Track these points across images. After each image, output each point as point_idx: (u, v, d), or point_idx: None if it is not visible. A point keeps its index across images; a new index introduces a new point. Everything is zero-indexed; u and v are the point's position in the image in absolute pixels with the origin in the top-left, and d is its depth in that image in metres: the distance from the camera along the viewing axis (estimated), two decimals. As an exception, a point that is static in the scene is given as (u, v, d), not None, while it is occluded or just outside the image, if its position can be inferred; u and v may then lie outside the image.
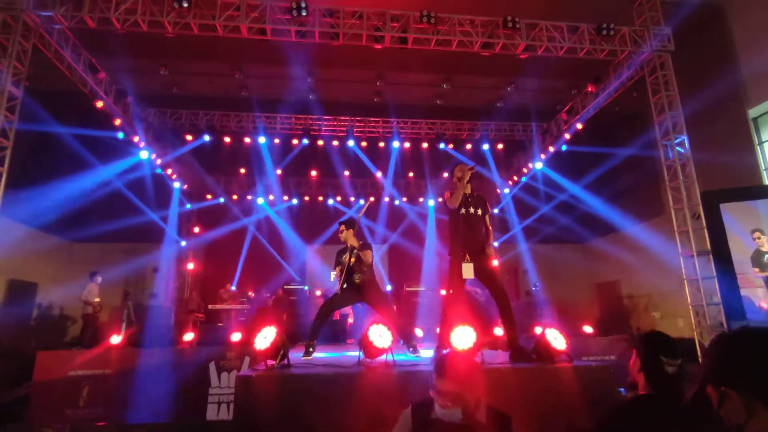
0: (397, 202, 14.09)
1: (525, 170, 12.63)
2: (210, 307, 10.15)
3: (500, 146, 12.39)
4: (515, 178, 13.16)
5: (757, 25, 8.07)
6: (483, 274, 4.12)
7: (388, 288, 12.72)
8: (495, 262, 4.28)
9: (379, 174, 13.18)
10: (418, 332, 8.23)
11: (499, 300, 4.12)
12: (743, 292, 7.48)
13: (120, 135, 9.81)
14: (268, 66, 10.60)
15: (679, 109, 7.59)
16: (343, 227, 4.93)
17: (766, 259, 6.62)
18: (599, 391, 3.12)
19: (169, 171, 12.08)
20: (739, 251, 6.75)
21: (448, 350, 2.63)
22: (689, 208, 7.30)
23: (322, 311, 4.78)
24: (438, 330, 4.73)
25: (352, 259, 4.77)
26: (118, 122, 9.59)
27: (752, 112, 8.33)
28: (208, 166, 12.54)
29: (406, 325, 5.64)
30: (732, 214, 6.89)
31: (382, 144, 12.28)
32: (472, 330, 3.51)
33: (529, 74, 10.04)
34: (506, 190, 13.57)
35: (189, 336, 6.95)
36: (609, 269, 12.84)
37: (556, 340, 3.59)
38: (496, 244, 13.44)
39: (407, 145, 12.16)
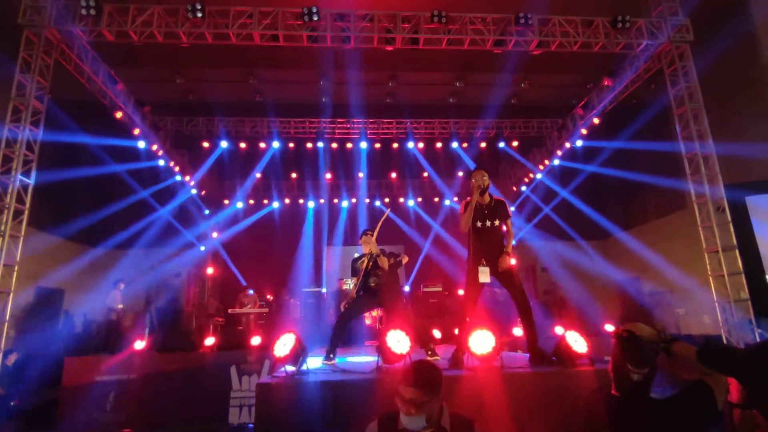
0: (411, 203, 14.06)
1: (542, 167, 12.47)
2: (230, 311, 10.29)
3: (515, 143, 12.26)
4: (531, 175, 13.00)
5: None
6: (501, 275, 4.08)
7: (406, 289, 12.71)
8: (513, 261, 4.24)
9: (393, 175, 13.20)
10: (436, 333, 8.20)
11: (519, 301, 4.08)
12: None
13: (137, 144, 10.02)
14: (282, 71, 10.72)
15: (700, 100, 7.39)
16: (367, 235, 5.03)
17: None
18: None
19: (188, 178, 12.30)
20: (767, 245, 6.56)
21: (413, 359, 2.59)
22: (713, 201, 7.10)
23: (342, 319, 4.81)
24: (456, 332, 4.71)
25: (370, 264, 4.80)
26: (137, 131, 9.81)
27: (777, 102, 8.05)
28: (224, 171, 12.72)
29: (423, 327, 5.63)
30: (760, 207, 6.69)
31: (395, 145, 12.29)
32: (490, 334, 3.48)
33: (544, 70, 9.91)
34: (523, 188, 13.42)
35: (210, 340, 7.05)
36: (630, 265, 12.56)
37: (577, 342, 3.53)
38: (514, 242, 13.31)
39: (421, 145, 12.14)
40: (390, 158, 12.75)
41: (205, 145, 11.83)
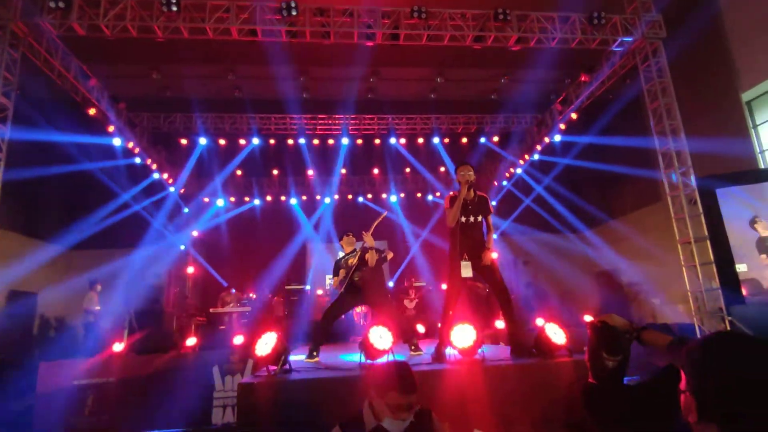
0: (393, 199, 14.08)
1: (522, 161, 12.63)
2: (211, 310, 10.17)
3: (496, 138, 12.39)
4: (512, 170, 13.16)
5: (748, 7, 8.04)
6: (483, 270, 4.14)
7: (390, 284, 12.75)
8: (494, 255, 4.30)
9: (376, 171, 13.18)
10: (420, 328, 8.26)
11: (500, 295, 4.14)
12: (750, 275, 7.51)
13: (112, 141, 9.77)
14: (261, 66, 10.58)
15: (673, 95, 7.58)
16: (348, 236, 5.10)
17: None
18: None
19: (166, 175, 12.06)
20: (737, 236, 6.77)
21: (386, 361, 2.57)
22: (685, 194, 7.31)
23: (326, 317, 4.80)
24: (439, 327, 4.76)
25: (355, 260, 4.83)
26: (111, 129, 9.56)
27: (745, 96, 8.31)
28: (204, 168, 12.51)
29: (406, 322, 5.67)
30: (729, 199, 6.90)
31: (377, 141, 12.28)
32: (472, 328, 3.52)
33: (523, 66, 10.02)
34: (504, 183, 13.58)
35: (191, 341, 6.97)
36: (608, 257, 12.85)
37: (556, 334, 3.61)
38: (495, 236, 13.48)
39: (403, 141, 12.16)
40: (372, 154, 12.74)
41: (183, 142, 11.61)
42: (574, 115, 10.33)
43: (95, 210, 10.65)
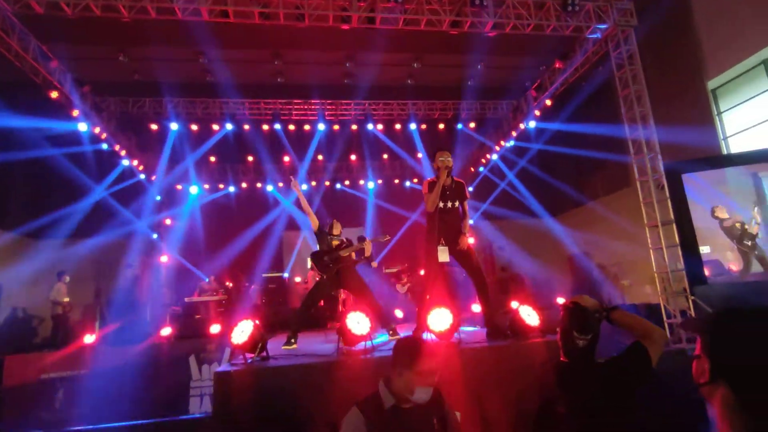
0: (371, 185, 14.05)
1: (497, 147, 12.76)
2: (186, 300, 10.00)
3: (472, 125, 12.45)
4: (488, 156, 13.29)
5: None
6: (459, 255, 4.19)
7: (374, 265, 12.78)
8: (471, 240, 4.36)
9: (353, 157, 13.09)
10: (398, 313, 8.35)
11: (476, 279, 4.21)
12: (713, 256, 7.85)
13: (77, 126, 9.36)
14: (234, 50, 10.27)
15: (643, 82, 7.75)
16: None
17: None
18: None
19: (136, 162, 11.67)
20: (701, 219, 7.04)
21: (402, 335, 2.65)
22: (654, 179, 7.54)
23: (306, 303, 4.79)
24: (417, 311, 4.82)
25: (335, 242, 4.83)
26: (76, 113, 9.15)
27: (711, 84, 8.58)
28: (176, 154, 12.15)
29: (385, 307, 5.71)
30: (694, 184, 7.15)
31: (354, 126, 12.17)
32: (449, 312, 3.58)
33: (499, 52, 10.04)
34: (480, 169, 13.71)
35: (166, 330, 6.86)
36: (581, 241, 13.21)
37: (530, 316, 3.71)
38: (471, 221, 13.65)
39: (380, 126, 12.09)
40: (349, 140, 12.63)
41: (154, 127, 11.24)
42: (548, 102, 10.46)
43: (61, 198, 10.23)
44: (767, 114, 7.92)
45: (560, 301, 8.81)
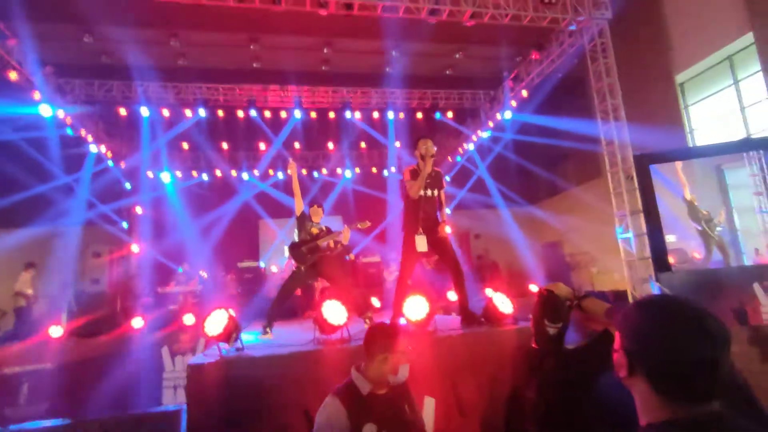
0: (349, 174, 13.97)
1: (475, 137, 12.86)
2: (159, 290, 9.79)
3: (450, 114, 12.48)
4: (465, 145, 13.38)
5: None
6: (435, 244, 4.22)
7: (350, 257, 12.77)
8: (448, 229, 4.40)
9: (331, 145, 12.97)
10: (375, 302, 8.39)
11: (452, 268, 4.25)
12: (677, 245, 8.16)
13: (36, 110, 8.93)
14: (208, 33, 9.95)
15: (615, 76, 7.92)
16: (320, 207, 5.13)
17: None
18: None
19: (104, 148, 11.24)
20: (667, 209, 7.30)
21: (373, 325, 2.68)
22: (624, 170, 7.76)
23: (282, 293, 4.74)
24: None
25: (314, 230, 4.80)
26: (37, 96, 8.72)
27: (679, 78, 8.85)
28: (146, 141, 11.75)
29: (361, 296, 5.73)
30: (661, 174, 7.39)
31: (332, 114, 12.03)
32: (425, 300, 3.62)
33: (477, 42, 10.06)
34: (458, 158, 13.81)
35: (137, 322, 6.70)
36: (553, 230, 13.55)
37: (503, 304, 3.78)
38: (448, 211, 13.77)
39: (358, 115, 11.98)
40: (327, 128, 12.48)
41: (123, 112, 10.82)
42: (524, 92, 10.57)
43: (24, 185, 9.78)
44: (731, 108, 8.24)
45: (533, 288, 9.03)
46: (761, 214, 8.01)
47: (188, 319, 6.72)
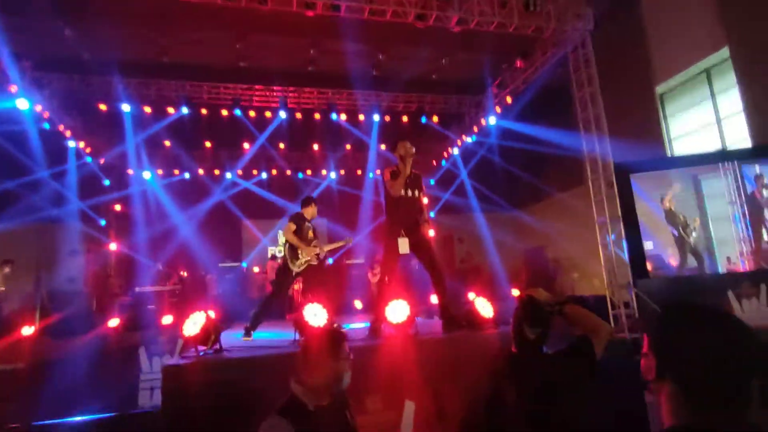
0: (333, 175, 13.93)
1: (459, 142, 12.96)
2: (137, 289, 9.59)
3: (436, 119, 12.56)
4: (450, 149, 13.47)
5: (663, 4, 8.69)
6: (417, 247, 4.24)
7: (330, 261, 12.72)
8: (431, 233, 4.42)
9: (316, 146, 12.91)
10: (358, 304, 8.38)
11: (433, 272, 4.27)
12: (655, 251, 8.34)
13: (14, 104, 8.68)
14: (192, 30, 9.80)
15: (597, 85, 8.08)
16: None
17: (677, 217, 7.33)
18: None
19: (82, 144, 10.97)
20: (646, 217, 7.46)
21: (313, 331, 2.63)
22: (604, 178, 7.91)
23: (274, 294, 4.71)
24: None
25: (310, 234, 4.79)
26: (14, 89, 8.48)
27: (659, 89, 9.07)
28: (126, 138, 11.51)
29: (344, 299, 5.72)
30: (640, 183, 7.56)
31: (318, 116, 11.98)
32: (406, 303, 3.63)
33: (464, 48, 10.14)
34: (443, 162, 13.90)
35: (114, 322, 6.55)
36: (536, 235, 13.70)
37: (485, 308, 3.82)
38: (432, 214, 13.83)
39: (344, 117, 11.97)
40: (312, 129, 12.43)
41: (102, 107, 10.59)
42: (509, 99, 10.70)
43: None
44: (708, 119, 8.48)
45: (515, 293, 9.12)
46: (734, 224, 8.25)
47: (167, 320, 6.60)
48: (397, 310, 3.56)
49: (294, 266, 4.60)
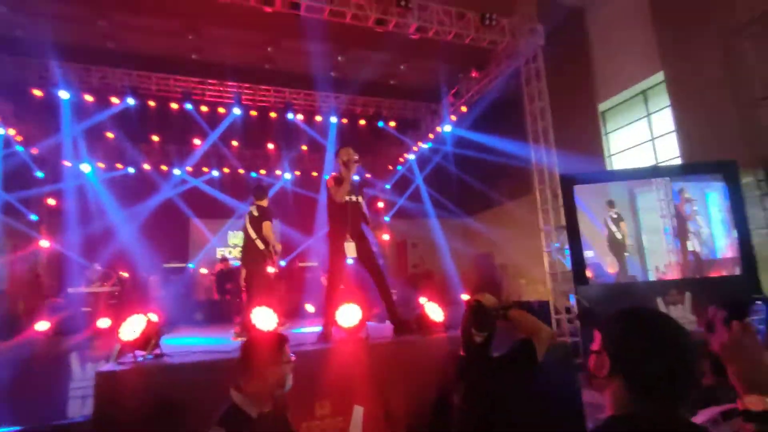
0: (288, 176, 13.69)
1: (415, 148, 13.14)
2: (71, 290, 8.92)
3: (393, 124, 12.67)
4: (405, 155, 13.64)
5: (608, 28, 9.30)
6: (360, 252, 4.23)
7: (282, 263, 12.46)
8: (386, 237, 4.44)
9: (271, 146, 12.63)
10: (309, 308, 8.26)
11: (377, 279, 4.28)
12: (595, 259, 8.83)
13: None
14: (141, 17, 9.33)
15: (547, 99, 8.49)
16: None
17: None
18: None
19: (12, 131, 10.11)
20: (587, 226, 7.90)
21: (254, 335, 2.56)
22: (551, 188, 8.31)
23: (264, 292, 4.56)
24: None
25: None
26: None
27: (601, 107, 9.67)
28: (64, 126, 10.71)
29: (296, 302, 5.62)
30: (583, 194, 8.00)
31: (273, 114, 11.74)
32: (357, 307, 3.61)
33: (422, 55, 10.33)
34: (399, 167, 14.03)
35: (43, 325, 6.06)
36: (486, 241, 14.13)
37: (435, 312, 3.88)
38: (387, 218, 13.92)
39: (300, 117, 11.80)
40: (267, 128, 12.15)
41: (37, 93, 9.81)
42: (464, 109, 11.00)
43: None
44: (644, 137, 9.14)
45: (464, 297, 9.35)
46: (665, 235, 8.93)
47: (103, 323, 6.19)
48: (348, 314, 3.54)
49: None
